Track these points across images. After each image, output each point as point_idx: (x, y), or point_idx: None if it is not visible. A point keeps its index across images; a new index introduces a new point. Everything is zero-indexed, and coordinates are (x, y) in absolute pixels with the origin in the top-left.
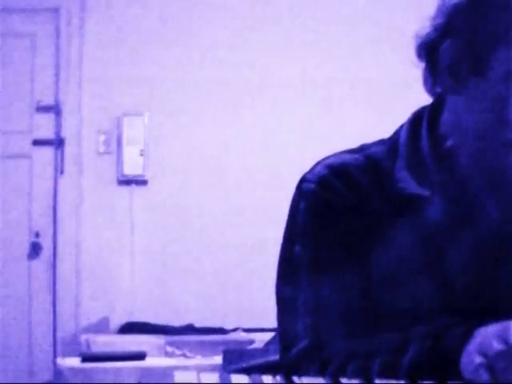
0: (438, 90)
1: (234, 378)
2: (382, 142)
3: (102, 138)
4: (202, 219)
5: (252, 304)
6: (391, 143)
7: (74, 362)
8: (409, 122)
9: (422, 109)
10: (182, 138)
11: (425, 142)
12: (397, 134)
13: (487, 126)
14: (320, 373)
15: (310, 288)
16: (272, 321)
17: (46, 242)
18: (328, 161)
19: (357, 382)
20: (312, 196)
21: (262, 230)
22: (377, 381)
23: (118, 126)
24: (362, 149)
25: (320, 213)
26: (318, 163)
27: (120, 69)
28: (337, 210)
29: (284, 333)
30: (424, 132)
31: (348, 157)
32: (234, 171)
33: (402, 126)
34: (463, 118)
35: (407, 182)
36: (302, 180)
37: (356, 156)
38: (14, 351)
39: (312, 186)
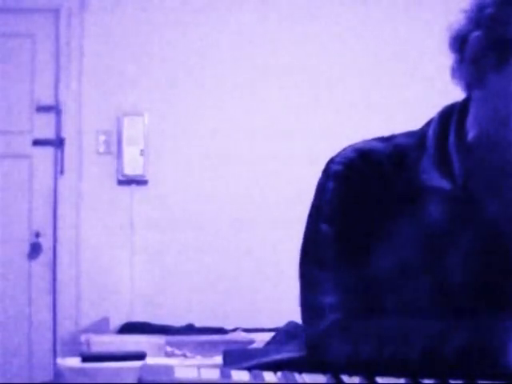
0: (465, 80)
1: (235, 374)
2: (411, 133)
3: (102, 138)
4: (202, 219)
5: (252, 304)
6: (420, 135)
7: (74, 361)
8: (438, 117)
9: (453, 104)
10: (182, 138)
11: (452, 136)
12: (426, 127)
13: (501, 122)
14: (353, 353)
15: (338, 265)
16: (272, 321)
17: (46, 242)
18: (357, 146)
19: (358, 381)
20: (340, 177)
21: (263, 231)
22: (379, 380)
23: (118, 125)
24: (390, 138)
25: (348, 193)
26: (346, 148)
27: (120, 69)
28: (364, 193)
29: (309, 308)
30: (453, 126)
31: (376, 144)
32: (235, 171)
33: (431, 120)
34: (481, 113)
35: (430, 174)
36: (330, 162)
37: (384, 144)
38: (13, 351)
39: (340, 167)
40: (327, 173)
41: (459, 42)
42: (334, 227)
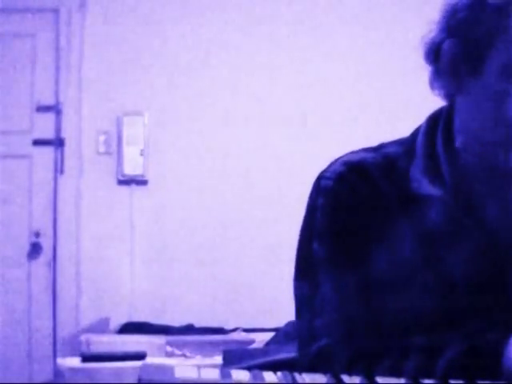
0: (445, 90)
1: (235, 373)
2: (399, 141)
3: (102, 138)
4: (201, 219)
5: (252, 304)
6: (408, 143)
7: (74, 362)
8: (426, 123)
9: (440, 110)
10: (182, 138)
11: (440, 143)
12: (414, 134)
13: (486, 125)
14: (346, 372)
15: (329, 285)
16: (272, 321)
17: (46, 242)
18: (345, 158)
19: (358, 381)
20: (330, 193)
21: (262, 230)
22: (379, 380)
23: (118, 125)
24: (379, 148)
25: (338, 210)
26: (336, 160)
27: (120, 69)
28: (355, 207)
29: (302, 330)
30: (439, 133)
31: (365, 155)
32: (234, 171)
33: (420, 127)
34: (466, 118)
35: (421, 182)
36: (320, 177)
37: (373, 154)
38: (14, 351)
39: (330, 183)
40: (317, 189)
41: (434, 53)
42: (325, 245)
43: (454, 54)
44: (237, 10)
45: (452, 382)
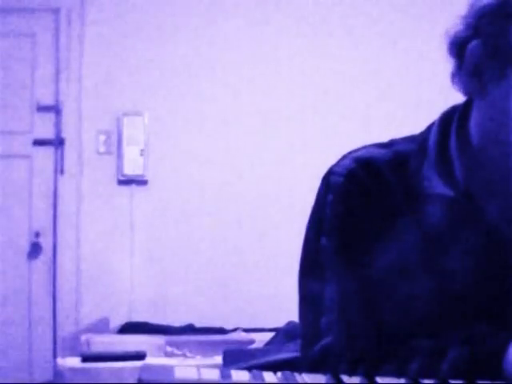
0: (465, 88)
1: (235, 374)
2: (411, 138)
3: (102, 138)
4: (201, 219)
5: (252, 304)
6: (421, 141)
7: (74, 361)
8: (439, 121)
9: (453, 108)
10: (182, 138)
11: (453, 142)
12: (427, 131)
13: (505, 127)
14: (349, 372)
15: (336, 282)
16: (272, 321)
17: (46, 242)
18: (356, 154)
19: (358, 381)
20: (340, 189)
21: (263, 230)
22: (378, 380)
23: (118, 125)
24: (390, 144)
25: (348, 206)
26: (346, 156)
27: (120, 69)
28: (364, 205)
29: (306, 328)
30: (453, 132)
31: (376, 151)
32: (235, 171)
33: (432, 124)
34: (486, 120)
35: (433, 182)
36: (330, 173)
37: (384, 151)
38: (14, 351)
39: (340, 179)
40: (327, 184)
41: (458, 48)
42: (333, 241)
43: (480, 56)
44: (237, 9)
45: (452, 382)
